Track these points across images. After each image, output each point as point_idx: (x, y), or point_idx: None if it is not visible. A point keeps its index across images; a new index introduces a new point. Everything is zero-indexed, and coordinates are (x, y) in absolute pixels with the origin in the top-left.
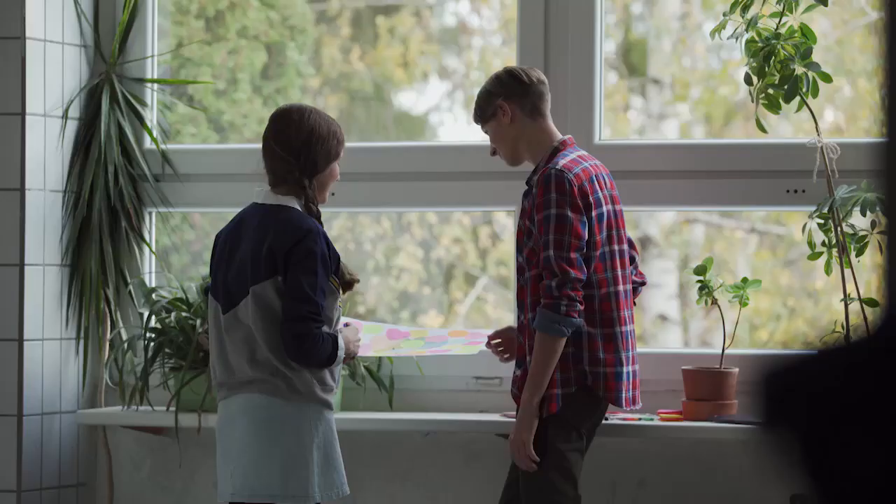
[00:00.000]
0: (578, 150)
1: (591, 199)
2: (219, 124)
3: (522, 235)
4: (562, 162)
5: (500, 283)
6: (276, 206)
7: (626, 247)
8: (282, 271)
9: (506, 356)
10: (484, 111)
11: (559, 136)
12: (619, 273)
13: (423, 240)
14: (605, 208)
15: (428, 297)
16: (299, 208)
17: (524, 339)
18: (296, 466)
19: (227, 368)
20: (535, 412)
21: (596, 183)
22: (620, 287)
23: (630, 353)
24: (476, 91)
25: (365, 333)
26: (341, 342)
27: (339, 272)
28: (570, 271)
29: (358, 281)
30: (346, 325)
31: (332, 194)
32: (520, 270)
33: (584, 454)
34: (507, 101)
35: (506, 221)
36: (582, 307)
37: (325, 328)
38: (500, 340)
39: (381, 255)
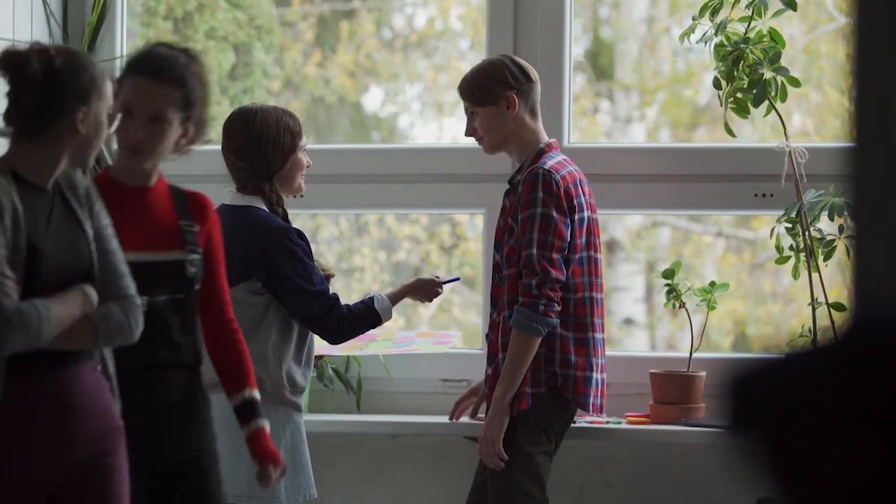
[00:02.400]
0: (562, 155)
1: (575, 202)
2: None
3: (502, 234)
4: (549, 163)
5: (465, 283)
6: (244, 206)
7: (601, 256)
8: (255, 272)
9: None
10: (484, 95)
11: (546, 137)
12: (595, 280)
13: (383, 240)
14: (586, 214)
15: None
16: (265, 208)
17: (496, 336)
18: None
19: None
20: (507, 409)
21: (580, 187)
22: (595, 294)
23: (600, 360)
24: (443, 92)
25: None
26: (378, 297)
27: None
28: (550, 271)
29: (333, 276)
30: None
31: (301, 175)
32: (496, 268)
33: (553, 457)
34: (515, 93)
35: (462, 220)
36: (559, 308)
37: (344, 304)
38: (466, 404)
39: (337, 256)
